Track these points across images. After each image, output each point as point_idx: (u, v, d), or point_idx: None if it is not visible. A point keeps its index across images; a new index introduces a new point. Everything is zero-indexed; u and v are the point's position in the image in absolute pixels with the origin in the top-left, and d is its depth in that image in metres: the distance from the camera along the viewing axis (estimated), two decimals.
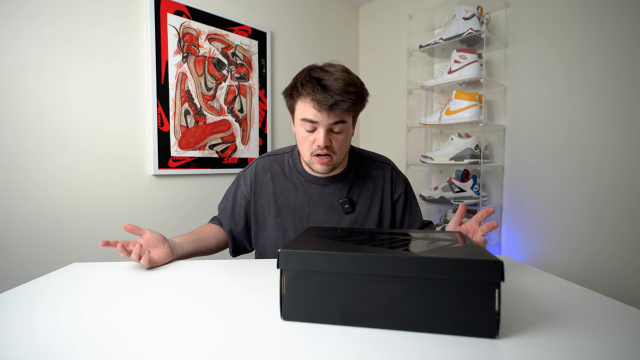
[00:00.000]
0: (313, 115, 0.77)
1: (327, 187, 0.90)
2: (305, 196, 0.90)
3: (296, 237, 0.55)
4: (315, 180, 0.91)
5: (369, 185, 0.92)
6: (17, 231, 1.17)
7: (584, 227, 1.53)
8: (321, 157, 0.81)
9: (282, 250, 0.46)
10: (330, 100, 0.74)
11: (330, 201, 0.90)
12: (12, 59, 1.15)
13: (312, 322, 0.47)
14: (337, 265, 0.45)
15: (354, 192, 0.91)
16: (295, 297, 0.47)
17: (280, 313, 0.47)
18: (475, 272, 0.42)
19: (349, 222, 0.90)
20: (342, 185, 0.91)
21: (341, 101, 0.75)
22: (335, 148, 0.81)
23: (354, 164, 0.93)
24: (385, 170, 0.95)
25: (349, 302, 0.45)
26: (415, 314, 0.44)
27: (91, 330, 0.45)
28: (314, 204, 0.89)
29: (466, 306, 0.43)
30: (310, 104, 0.77)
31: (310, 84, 0.76)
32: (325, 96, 0.74)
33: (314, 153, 0.81)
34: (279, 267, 0.46)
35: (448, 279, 0.43)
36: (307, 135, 0.81)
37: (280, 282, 0.47)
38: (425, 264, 0.43)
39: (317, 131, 0.79)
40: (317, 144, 0.80)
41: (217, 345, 0.42)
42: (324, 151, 0.80)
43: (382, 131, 2.32)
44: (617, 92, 1.44)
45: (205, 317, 0.49)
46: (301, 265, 0.46)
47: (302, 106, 0.79)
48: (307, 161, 0.85)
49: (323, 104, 0.75)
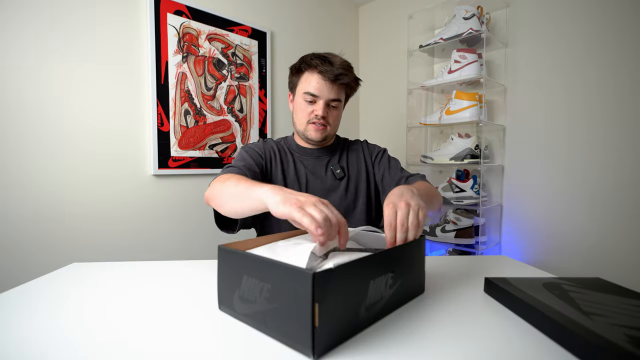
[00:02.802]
0: (316, 88, 0.89)
1: (320, 158, 1.01)
2: (302, 166, 0.99)
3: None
4: (309, 153, 1.01)
5: (352, 156, 1.05)
6: (18, 231, 1.17)
7: (584, 227, 1.53)
8: (317, 125, 0.93)
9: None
10: (335, 72, 0.88)
11: (325, 171, 1.00)
12: (13, 60, 1.15)
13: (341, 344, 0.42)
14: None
15: (343, 161, 1.03)
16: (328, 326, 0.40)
17: (313, 352, 0.39)
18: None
19: (343, 187, 0.99)
20: (332, 157, 1.03)
21: (344, 74, 0.89)
22: (330, 120, 0.94)
23: (338, 142, 1.08)
24: (362, 144, 1.09)
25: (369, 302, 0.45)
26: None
27: (90, 330, 0.45)
28: (310, 174, 0.99)
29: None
30: (316, 76, 0.89)
31: (318, 59, 0.90)
32: (332, 68, 0.88)
33: (310, 121, 0.93)
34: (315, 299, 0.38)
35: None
36: (306, 106, 0.92)
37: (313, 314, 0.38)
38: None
39: (317, 103, 0.91)
40: (315, 114, 0.92)
41: (217, 345, 0.42)
42: (321, 120, 0.92)
43: (382, 131, 2.32)
44: (617, 92, 1.44)
45: (207, 319, 0.49)
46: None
47: (307, 79, 0.91)
48: (303, 129, 0.95)
49: (329, 74, 0.88)
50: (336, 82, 0.89)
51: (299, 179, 0.97)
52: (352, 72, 0.92)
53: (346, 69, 0.90)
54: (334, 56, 0.92)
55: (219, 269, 0.51)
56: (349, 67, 0.92)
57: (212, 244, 1.61)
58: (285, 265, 0.41)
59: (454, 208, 1.76)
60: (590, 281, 0.58)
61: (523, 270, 0.73)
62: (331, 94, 0.90)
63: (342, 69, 0.89)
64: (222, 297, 0.51)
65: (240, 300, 0.47)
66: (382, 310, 0.49)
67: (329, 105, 0.92)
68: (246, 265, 0.46)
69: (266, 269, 0.43)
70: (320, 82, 0.89)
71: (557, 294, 0.51)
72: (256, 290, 0.44)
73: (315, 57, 0.90)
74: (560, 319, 0.42)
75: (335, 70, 0.88)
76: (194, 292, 0.60)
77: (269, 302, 0.43)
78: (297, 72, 0.94)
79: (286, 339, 0.41)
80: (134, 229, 1.43)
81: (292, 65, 0.96)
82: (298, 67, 0.94)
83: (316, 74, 0.89)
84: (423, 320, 0.48)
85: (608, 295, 0.51)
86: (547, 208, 1.63)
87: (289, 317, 0.40)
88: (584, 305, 0.46)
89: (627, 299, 0.49)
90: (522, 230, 1.73)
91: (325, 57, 0.90)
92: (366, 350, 0.40)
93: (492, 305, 0.54)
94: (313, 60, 0.90)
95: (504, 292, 0.54)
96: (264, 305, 0.43)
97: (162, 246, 1.51)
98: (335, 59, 0.90)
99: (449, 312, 0.51)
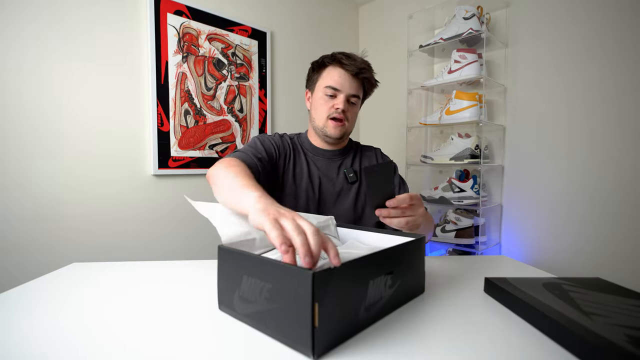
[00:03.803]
0: (338, 82, 0.91)
1: (333, 160, 1.01)
2: (315, 167, 0.99)
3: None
4: (322, 154, 1.00)
5: (365, 162, 1.05)
6: (18, 231, 1.17)
7: (584, 227, 1.53)
8: (336, 121, 0.93)
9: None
10: (357, 67, 0.90)
11: (337, 173, 1.00)
12: (13, 60, 1.15)
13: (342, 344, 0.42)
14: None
15: (356, 164, 1.03)
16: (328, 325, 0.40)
17: (313, 352, 0.39)
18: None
19: (354, 191, 0.98)
20: (345, 159, 1.03)
21: (365, 69, 0.92)
22: (349, 116, 0.95)
23: (351, 145, 1.07)
24: (376, 151, 1.09)
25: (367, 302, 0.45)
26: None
27: (91, 330, 0.45)
28: (323, 175, 0.98)
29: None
30: (338, 71, 0.91)
31: (340, 55, 0.92)
32: (354, 63, 0.91)
33: (330, 116, 0.93)
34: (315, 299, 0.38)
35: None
36: (327, 100, 0.93)
37: (312, 314, 0.38)
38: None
39: (338, 98, 0.92)
40: (335, 107, 0.92)
41: (217, 345, 0.42)
42: (341, 115, 0.92)
43: (382, 131, 2.32)
44: (617, 92, 1.44)
45: (207, 319, 0.49)
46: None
47: (329, 74, 0.93)
48: (322, 126, 0.95)
49: (351, 68, 0.90)
50: (358, 76, 0.92)
51: (312, 181, 0.96)
52: (372, 71, 0.95)
53: (367, 65, 0.94)
54: (355, 55, 0.94)
55: (219, 269, 0.51)
56: (369, 66, 0.95)
57: (212, 244, 1.61)
58: (285, 265, 0.41)
59: (454, 208, 1.76)
60: (590, 281, 0.58)
61: (523, 270, 0.73)
62: (352, 89, 0.92)
63: (363, 65, 0.92)
64: (222, 297, 0.51)
65: (240, 300, 0.47)
66: (382, 310, 0.49)
67: (349, 100, 0.93)
68: (246, 265, 0.46)
69: (266, 269, 0.43)
70: (343, 75, 0.91)
71: (557, 294, 0.51)
72: (256, 290, 0.44)
73: (338, 53, 0.93)
74: (560, 319, 0.42)
75: (358, 64, 0.91)
76: (194, 292, 0.60)
77: (269, 302, 0.43)
78: (318, 67, 0.96)
79: (286, 339, 0.41)
80: (133, 229, 1.43)
81: (314, 61, 0.98)
82: (321, 62, 0.95)
83: (339, 67, 0.92)
84: (423, 320, 0.48)
85: (608, 295, 0.51)
86: (547, 208, 1.63)
87: (289, 317, 0.40)
88: (584, 305, 0.47)
89: (627, 299, 0.49)
90: (522, 230, 1.73)
91: (347, 54, 0.93)
92: (366, 350, 0.40)
93: (492, 305, 0.54)
94: (335, 55, 0.93)
95: (504, 292, 0.54)
96: (264, 305, 0.43)
97: (162, 246, 1.51)
98: (356, 56, 0.93)
99: (449, 312, 0.51)
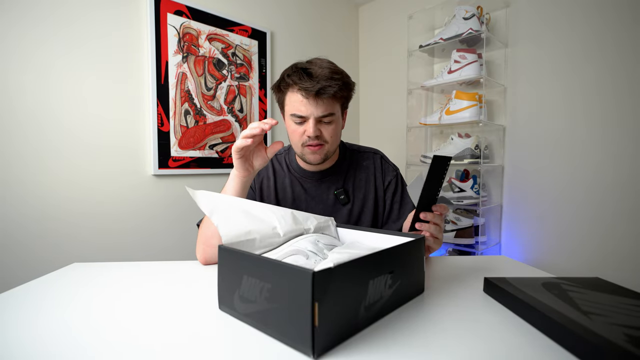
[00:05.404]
0: (301, 108, 0.78)
1: (322, 182, 0.92)
2: (302, 191, 0.92)
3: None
4: (310, 176, 0.92)
5: (361, 176, 0.94)
6: (20, 230, 1.17)
7: (584, 227, 1.53)
8: (312, 147, 0.82)
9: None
10: (316, 86, 0.75)
11: (327, 194, 0.92)
12: (16, 61, 1.15)
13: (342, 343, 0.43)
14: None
15: (349, 184, 0.93)
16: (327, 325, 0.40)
17: (313, 352, 0.39)
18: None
19: (346, 213, 0.91)
20: (337, 178, 0.93)
21: (327, 86, 0.76)
22: (327, 137, 0.82)
23: (344, 157, 0.95)
24: (375, 160, 0.97)
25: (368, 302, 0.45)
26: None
27: (90, 330, 0.45)
28: (311, 199, 0.92)
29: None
30: (297, 94, 0.78)
31: (296, 74, 0.78)
32: (312, 83, 0.75)
33: (305, 144, 0.82)
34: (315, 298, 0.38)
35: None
36: (297, 128, 0.82)
37: (312, 313, 0.38)
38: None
39: (307, 123, 0.80)
40: (307, 135, 0.81)
41: (217, 345, 0.42)
42: (315, 141, 0.81)
43: (382, 131, 2.32)
44: (617, 92, 1.44)
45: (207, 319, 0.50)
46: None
47: (290, 99, 0.80)
48: (300, 153, 0.86)
49: (310, 90, 0.76)
50: (321, 96, 0.77)
51: (298, 205, 0.91)
52: (340, 78, 0.79)
53: (330, 77, 0.77)
54: (316, 64, 0.79)
55: (219, 269, 0.51)
56: (335, 73, 0.78)
57: None
58: (285, 265, 0.41)
59: (454, 208, 1.76)
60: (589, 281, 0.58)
61: (523, 270, 0.74)
62: (319, 110, 0.78)
63: (324, 80, 0.76)
64: (222, 297, 0.51)
65: (240, 300, 0.47)
66: (381, 310, 0.49)
67: (321, 121, 0.80)
68: (246, 265, 0.46)
69: (266, 269, 0.43)
70: (304, 100, 0.77)
71: (556, 294, 0.51)
72: (256, 290, 0.44)
73: (294, 72, 0.78)
74: (560, 319, 0.42)
75: (316, 84, 0.75)
76: (194, 291, 0.60)
77: (269, 301, 0.43)
78: (278, 91, 0.84)
79: (286, 338, 0.41)
80: (133, 229, 1.43)
81: (273, 84, 0.85)
82: (278, 87, 0.83)
83: (296, 92, 0.78)
84: (423, 320, 0.48)
85: (607, 295, 0.51)
86: (547, 208, 1.64)
87: (289, 317, 0.40)
88: (583, 304, 0.47)
89: (626, 298, 0.50)
90: (522, 230, 1.73)
91: (304, 70, 0.77)
92: (366, 350, 0.40)
93: (492, 305, 0.54)
94: (291, 76, 0.78)
95: (504, 292, 0.54)
96: (264, 305, 0.44)
97: (162, 246, 1.51)
98: (316, 68, 0.77)
99: (449, 312, 0.51)
